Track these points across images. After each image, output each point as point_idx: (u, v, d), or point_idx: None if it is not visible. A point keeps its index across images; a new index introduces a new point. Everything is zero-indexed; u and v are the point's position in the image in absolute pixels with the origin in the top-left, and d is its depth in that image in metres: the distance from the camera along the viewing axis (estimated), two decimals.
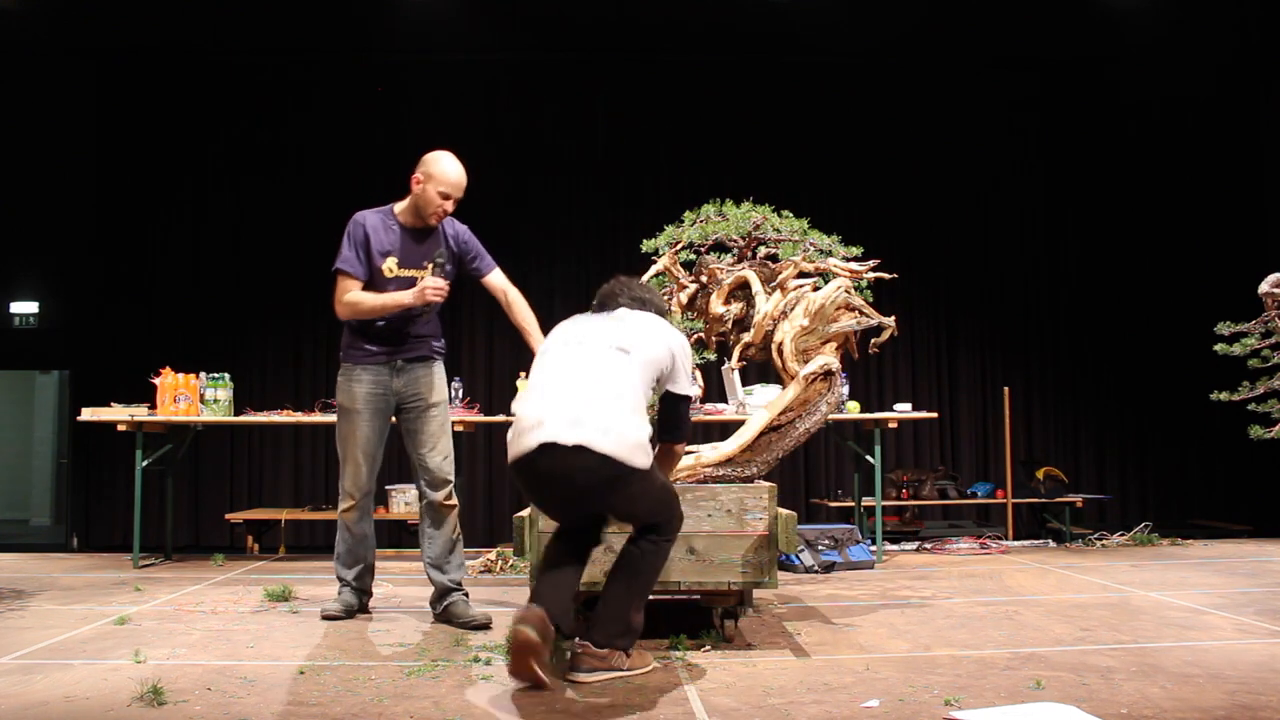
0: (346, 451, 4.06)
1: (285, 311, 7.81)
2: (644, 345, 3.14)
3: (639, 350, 3.12)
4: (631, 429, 2.98)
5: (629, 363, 3.09)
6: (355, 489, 4.05)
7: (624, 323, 3.22)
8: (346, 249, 3.97)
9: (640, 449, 3.01)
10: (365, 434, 4.03)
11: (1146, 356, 8.18)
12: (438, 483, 4.02)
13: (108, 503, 7.66)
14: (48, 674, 3.14)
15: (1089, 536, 6.73)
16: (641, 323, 3.23)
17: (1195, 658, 3.28)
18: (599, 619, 3.06)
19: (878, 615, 4.12)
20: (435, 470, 4.02)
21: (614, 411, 2.98)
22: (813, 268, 4.08)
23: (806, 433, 3.95)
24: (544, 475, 3.01)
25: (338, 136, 7.92)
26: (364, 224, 3.99)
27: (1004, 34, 7.90)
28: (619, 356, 3.09)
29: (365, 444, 4.03)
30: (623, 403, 3.01)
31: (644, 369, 3.12)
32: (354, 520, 4.07)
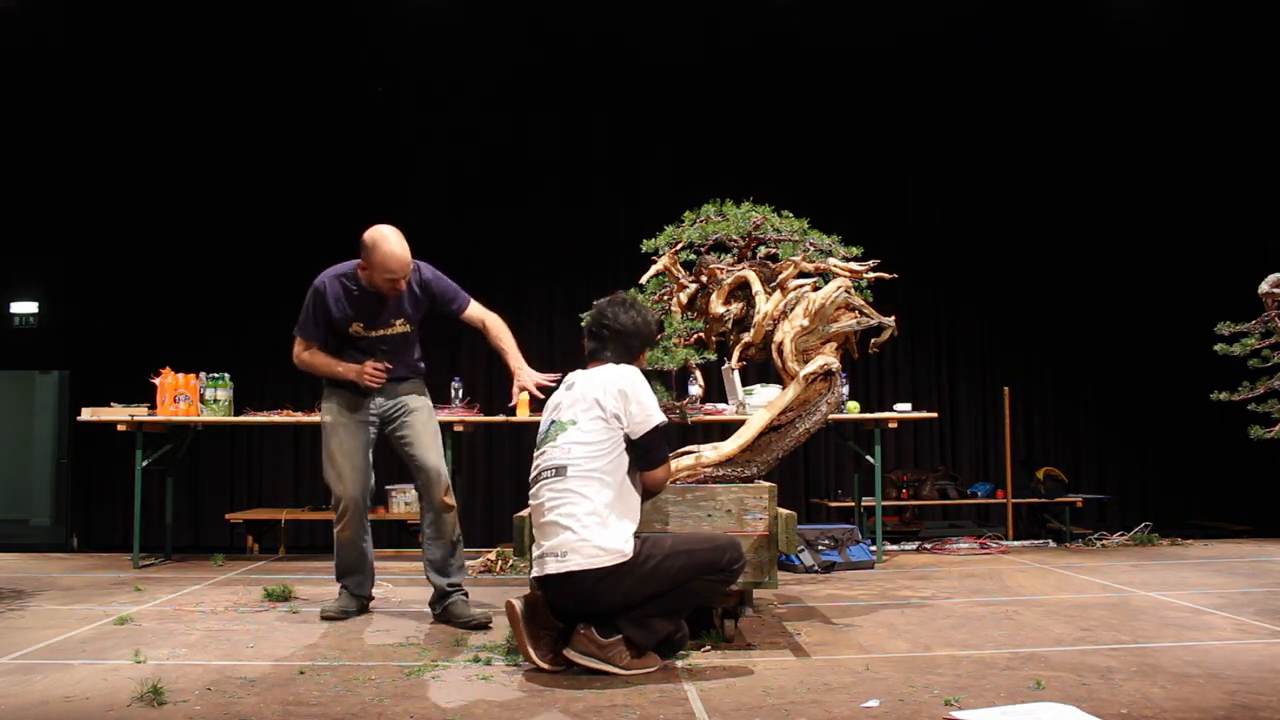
0: (336, 468, 4.06)
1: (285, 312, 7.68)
2: (577, 439, 3.18)
3: (573, 450, 3.16)
4: (584, 543, 3.06)
5: (570, 478, 3.14)
6: (347, 504, 4.05)
7: (560, 432, 3.23)
8: (305, 316, 4.06)
9: (604, 554, 3.06)
10: (351, 447, 4.05)
11: (1146, 356, 8.18)
12: (433, 481, 4.03)
13: (108, 503, 7.66)
14: (48, 674, 3.14)
15: (1089, 536, 6.72)
16: (583, 395, 3.24)
17: (1195, 658, 3.28)
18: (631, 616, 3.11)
19: (878, 615, 4.12)
20: (430, 468, 4.03)
21: (568, 531, 3.09)
22: (812, 268, 4.08)
23: (806, 433, 3.94)
24: (560, 603, 3.19)
25: (338, 136, 7.92)
26: (325, 294, 4.00)
27: (1004, 35, 7.91)
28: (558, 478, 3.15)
29: (353, 456, 4.05)
30: (574, 518, 3.09)
31: (589, 463, 3.15)
32: (350, 538, 4.07)
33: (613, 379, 3.23)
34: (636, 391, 3.21)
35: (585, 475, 3.14)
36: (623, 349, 3.37)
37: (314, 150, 7.92)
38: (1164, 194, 8.26)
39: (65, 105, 7.87)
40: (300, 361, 4.10)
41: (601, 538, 3.07)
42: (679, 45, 7.89)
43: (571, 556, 3.07)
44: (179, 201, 7.86)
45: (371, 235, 3.88)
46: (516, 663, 3.25)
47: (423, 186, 7.73)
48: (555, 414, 3.31)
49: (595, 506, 3.11)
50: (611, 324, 3.37)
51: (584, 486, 3.13)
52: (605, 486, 3.14)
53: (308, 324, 4.04)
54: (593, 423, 3.18)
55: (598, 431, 3.17)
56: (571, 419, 3.22)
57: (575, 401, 3.25)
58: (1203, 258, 8.13)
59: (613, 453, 3.18)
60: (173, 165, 7.87)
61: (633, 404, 3.19)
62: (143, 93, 7.91)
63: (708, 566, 3.17)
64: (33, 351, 8.51)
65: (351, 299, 3.99)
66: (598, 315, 3.41)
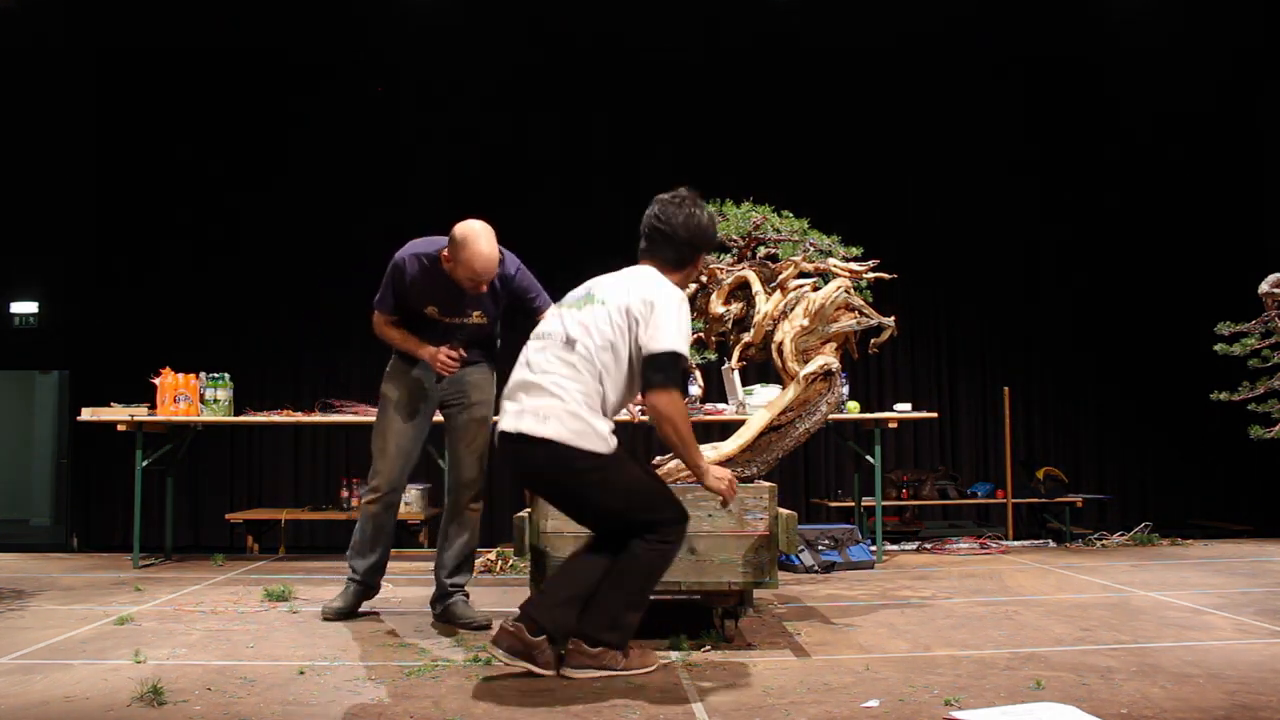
0: (382, 443, 4.03)
1: (285, 311, 7.82)
2: (598, 323, 3.05)
3: (592, 332, 3.04)
4: (572, 416, 2.97)
5: (576, 352, 3.04)
6: (384, 481, 4.02)
7: (587, 305, 3.12)
8: (385, 289, 3.97)
9: (590, 434, 2.98)
10: (401, 427, 4.02)
11: (1147, 356, 8.17)
12: (466, 482, 4.01)
13: (108, 503, 7.66)
14: (48, 674, 3.14)
15: (1089, 536, 6.73)
16: (624, 287, 3.10)
17: (1195, 658, 3.28)
18: (587, 613, 3.03)
19: (878, 615, 4.12)
20: (466, 469, 4.01)
21: (556, 399, 2.99)
22: (812, 268, 4.08)
23: (806, 433, 3.95)
24: (512, 466, 3.12)
25: (338, 136, 7.91)
26: (403, 270, 3.89)
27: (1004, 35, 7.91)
28: (566, 348, 3.05)
29: (400, 437, 4.02)
30: (566, 390, 3.00)
31: (598, 351, 3.03)
32: (376, 513, 4.04)
33: (651, 287, 3.07)
34: (667, 310, 3.03)
35: (591, 360, 3.03)
36: (672, 251, 3.18)
37: (314, 150, 7.92)
38: (1164, 194, 8.26)
39: (65, 105, 7.86)
40: (380, 334, 4.04)
41: (587, 419, 2.98)
42: (679, 45, 7.89)
43: (552, 423, 2.97)
44: (179, 201, 7.85)
45: (462, 231, 3.73)
46: None
47: (422, 186, 7.72)
48: (595, 287, 3.16)
49: (590, 392, 3.01)
50: (664, 223, 3.17)
51: (587, 369, 3.02)
52: (605, 380, 3.03)
53: (386, 297, 3.96)
54: (618, 315, 3.04)
55: (619, 327, 3.04)
56: (603, 300, 3.09)
57: (616, 287, 3.11)
58: (1203, 258, 8.13)
59: (622, 355, 3.04)
60: (173, 165, 7.87)
61: (656, 317, 3.01)
62: (143, 93, 7.91)
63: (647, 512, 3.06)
64: (33, 351, 8.51)
65: (429, 281, 3.88)
66: (652, 212, 3.21)
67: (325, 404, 6.22)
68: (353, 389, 7.24)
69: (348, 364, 7.65)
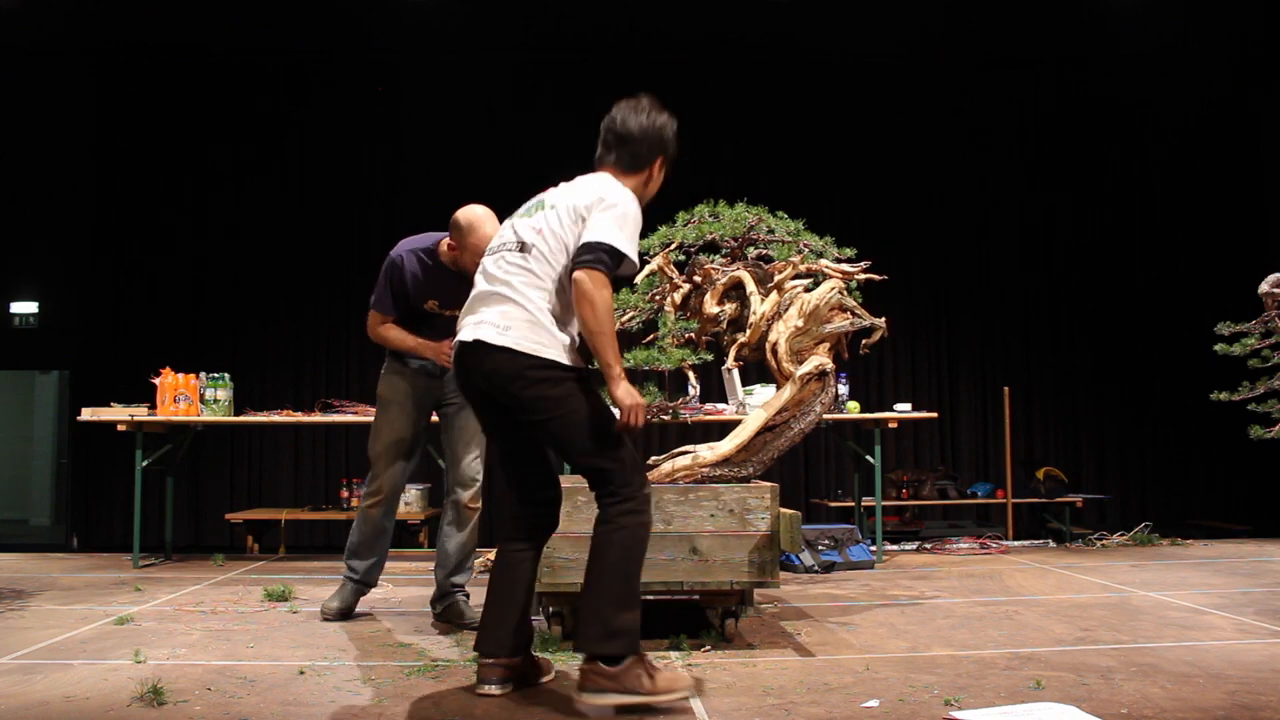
0: (381, 446, 4.04)
1: (285, 311, 7.82)
2: (550, 225, 2.89)
3: (545, 234, 2.88)
4: (534, 325, 2.81)
5: (531, 257, 2.87)
6: (384, 484, 4.03)
7: (538, 211, 2.96)
8: (382, 289, 3.96)
9: (553, 345, 2.81)
10: (400, 429, 4.03)
11: (1146, 356, 8.18)
12: (466, 482, 4.01)
13: (108, 503, 7.66)
14: (48, 674, 3.14)
15: (1089, 536, 6.73)
16: (572, 190, 2.95)
17: (1195, 658, 3.28)
18: (579, 623, 2.79)
19: (878, 615, 4.12)
20: (465, 469, 4.02)
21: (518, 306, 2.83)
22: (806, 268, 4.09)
23: (801, 433, 3.95)
24: (464, 382, 2.95)
25: (338, 136, 7.92)
26: (402, 269, 3.90)
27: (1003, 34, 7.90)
28: (521, 254, 2.89)
29: (400, 438, 4.03)
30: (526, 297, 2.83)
31: (552, 254, 2.86)
32: (377, 516, 4.05)
33: (600, 188, 2.90)
34: (611, 207, 2.84)
35: (548, 262, 2.86)
36: (628, 154, 3.02)
37: (315, 149, 7.92)
38: (1164, 194, 8.26)
39: (65, 105, 7.87)
40: (375, 336, 4.02)
41: (550, 329, 2.82)
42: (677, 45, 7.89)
43: (512, 332, 2.80)
44: (179, 201, 7.85)
45: (467, 216, 3.74)
46: None
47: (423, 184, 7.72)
48: (547, 195, 3.02)
49: (551, 299, 2.85)
50: (621, 126, 3.03)
51: (545, 273, 2.86)
52: (564, 287, 2.86)
53: (383, 297, 3.95)
54: (568, 216, 2.87)
55: (570, 229, 2.86)
56: (553, 204, 2.94)
57: (566, 192, 2.97)
58: (1203, 258, 8.13)
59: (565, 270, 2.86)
60: (173, 165, 7.87)
61: (598, 213, 2.83)
62: (143, 91, 7.91)
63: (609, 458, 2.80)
64: (33, 351, 8.51)
65: (429, 276, 3.90)
66: (610, 117, 3.07)
67: (325, 404, 6.22)
68: (353, 389, 7.25)
69: (348, 364, 7.66)
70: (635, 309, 4.07)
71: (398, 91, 7.98)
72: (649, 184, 3.09)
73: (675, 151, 3.10)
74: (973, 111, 8.20)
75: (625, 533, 2.77)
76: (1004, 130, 8.24)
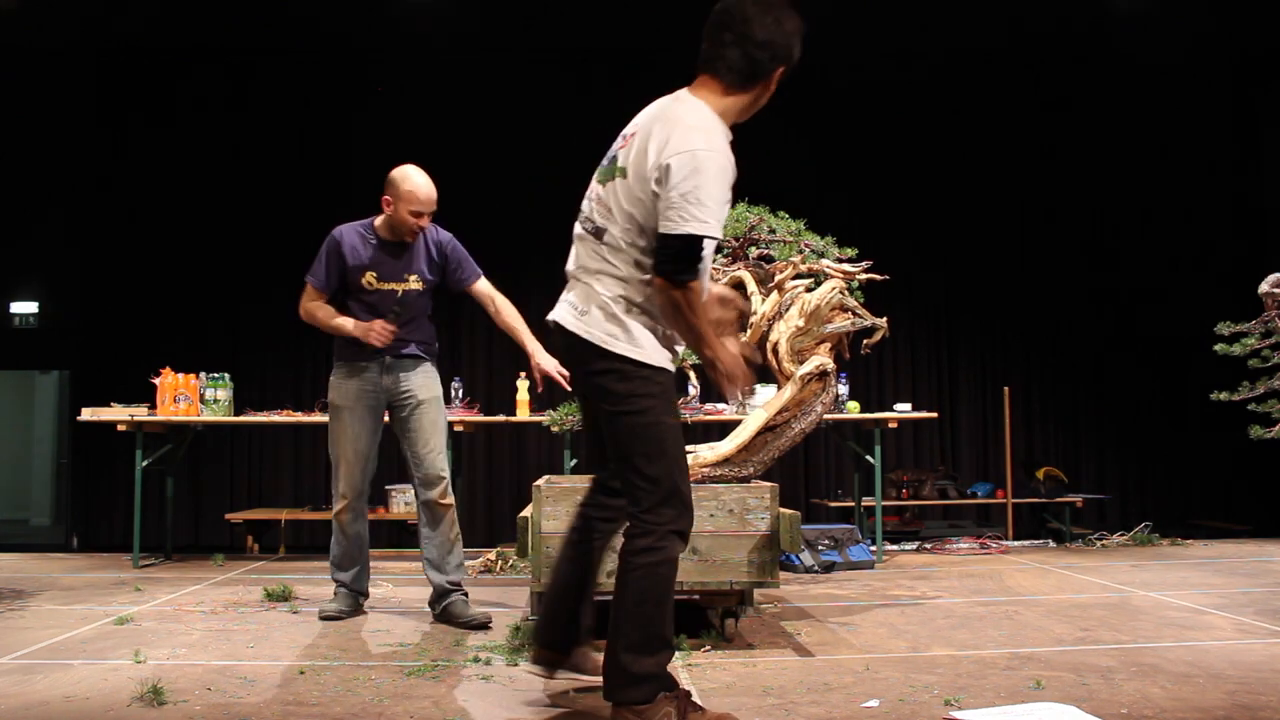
0: (339, 451, 4.06)
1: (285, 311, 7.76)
2: (620, 202, 2.53)
3: (615, 214, 2.54)
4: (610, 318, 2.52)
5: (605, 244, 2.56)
6: (348, 489, 4.04)
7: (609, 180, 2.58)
8: (318, 262, 4.03)
9: (623, 335, 2.51)
10: (356, 432, 4.03)
11: (1146, 356, 8.18)
12: (431, 480, 4.02)
13: (108, 503, 7.66)
14: (48, 674, 3.14)
15: (1089, 536, 6.72)
16: (635, 152, 2.53)
17: (1195, 658, 3.28)
18: (607, 675, 2.55)
19: (877, 615, 4.12)
20: (428, 467, 4.02)
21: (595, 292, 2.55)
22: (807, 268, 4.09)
23: (802, 433, 3.95)
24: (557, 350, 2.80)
25: (338, 136, 7.92)
26: (340, 241, 4.00)
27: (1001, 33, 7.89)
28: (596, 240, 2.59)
29: (356, 442, 4.03)
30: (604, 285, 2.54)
31: (624, 235, 2.52)
32: (348, 522, 4.06)
33: (679, 134, 2.44)
34: (687, 178, 2.39)
35: (623, 252, 2.52)
36: (741, 58, 2.52)
37: (316, 149, 7.92)
38: (1165, 193, 8.26)
39: (65, 103, 7.87)
40: (305, 312, 4.06)
41: (624, 319, 2.51)
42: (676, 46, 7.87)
43: (588, 318, 2.55)
44: (180, 201, 7.85)
45: (399, 169, 3.93)
46: (516, 662, 3.24)
47: None
48: (621, 149, 2.59)
49: (629, 288, 2.52)
50: (737, 26, 2.51)
51: (621, 261, 2.53)
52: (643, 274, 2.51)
53: (319, 270, 4.01)
54: (639, 188, 2.48)
55: (642, 203, 2.48)
56: (624, 167, 2.54)
57: (639, 148, 2.51)
58: (1203, 258, 8.13)
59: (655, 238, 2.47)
60: (173, 164, 7.87)
61: (673, 188, 2.40)
62: (143, 91, 7.91)
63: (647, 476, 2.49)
64: (33, 351, 8.51)
65: (368, 246, 3.99)
66: (722, 11, 2.55)
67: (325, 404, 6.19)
68: None
69: None
70: None
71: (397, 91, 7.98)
72: (759, 100, 2.61)
73: (796, 59, 2.58)
74: (971, 110, 8.19)
75: (640, 574, 2.49)
76: (1004, 129, 8.23)
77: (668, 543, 2.50)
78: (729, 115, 2.58)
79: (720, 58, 2.53)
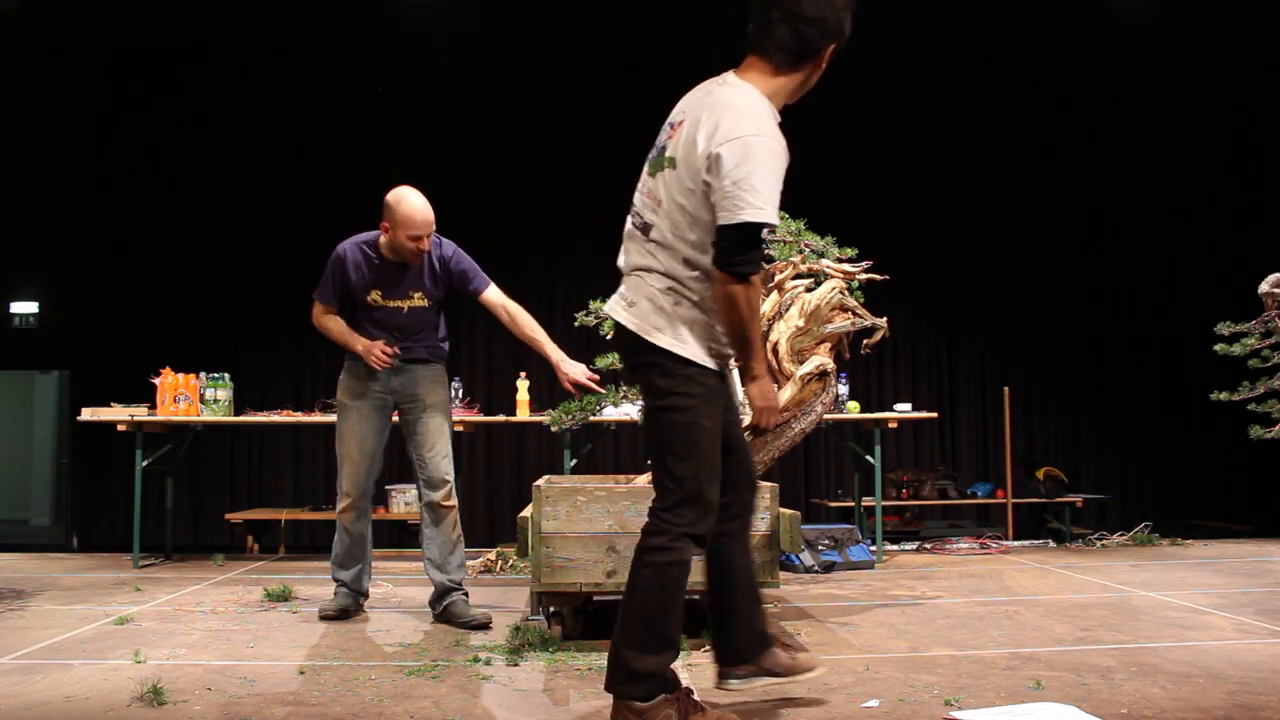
0: (345, 450, 4.08)
1: (285, 311, 7.80)
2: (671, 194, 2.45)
3: (664, 208, 2.47)
4: (657, 311, 2.47)
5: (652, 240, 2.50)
6: (353, 488, 4.06)
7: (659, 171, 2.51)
8: (324, 281, 4.04)
9: (666, 327, 2.46)
10: (363, 432, 4.05)
11: (1147, 356, 8.18)
12: (435, 482, 4.04)
13: (108, 503, 7.66)
14: (48, 674, 3.14)
15: (1089, 536, 6.72)
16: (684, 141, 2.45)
17: (1195, 658, 3.28)
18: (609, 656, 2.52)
19: (877, 615, 4.12)
20: (433, 470, 4.04)
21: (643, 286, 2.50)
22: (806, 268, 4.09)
23: (802, 433, 3.96)
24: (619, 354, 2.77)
25: (338, 136, 7.92)
26: (344, 261, 3.99)
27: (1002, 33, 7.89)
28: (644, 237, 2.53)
29: (363, 442, 4.05)
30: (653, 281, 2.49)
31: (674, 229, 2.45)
32: (351, 520, 4.08)
33: (728, 126, 2.36)
34: (741, 164, 2.32)
35: (671, 250, 2.46)
36: (791, 36, 2.44)
37: (316, 149, 7.92)
38: (1165, 193, 8.26)
39: (66, 103, 7.86)
40: (318, 325, 4.09)
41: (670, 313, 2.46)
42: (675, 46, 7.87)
43: (636, 309, 2.50)
44: (180, 200, 7.85)
45: (394, 193, 3.89)
46: (516, 663, 3.25)
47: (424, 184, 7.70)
48: (669, 134, 2.53)
49: (679, 284, 2.47)
50: (788, 1, 2.43)
51: (670, 258, 2.47)
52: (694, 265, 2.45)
53: (324, 287, 4.03)
54: (690, 179, 2.41)
55: (694, 193, 2.41)
56: (672, 157, 2.47)
57: (688, 137, 2.44)
58: (1203, 258, 8.13)
59: (708, 222, 2.40)
60: (174, 163, 7.87)
61: (727, 176, 2.32)
62: (144, 90, 7.91)
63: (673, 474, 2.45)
64: (33, 351, 8.51)
65: (371, 266, 3.97)
66: None
67: (325, 404, 6.21)
68: None
69: None
70: None
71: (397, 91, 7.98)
72: (809, 80, 2.55)
73: (848, 36, 2.53)
74: (971, 109, 8.19)
75: (649, 572, 2.46)
76: (1003, 129, 8.23)
77: (681, 544, 2.47)
78: (779, 97, 2.51)
79: (769, 37, 2.45)
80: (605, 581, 3.46)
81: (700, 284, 2.46)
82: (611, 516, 3.47)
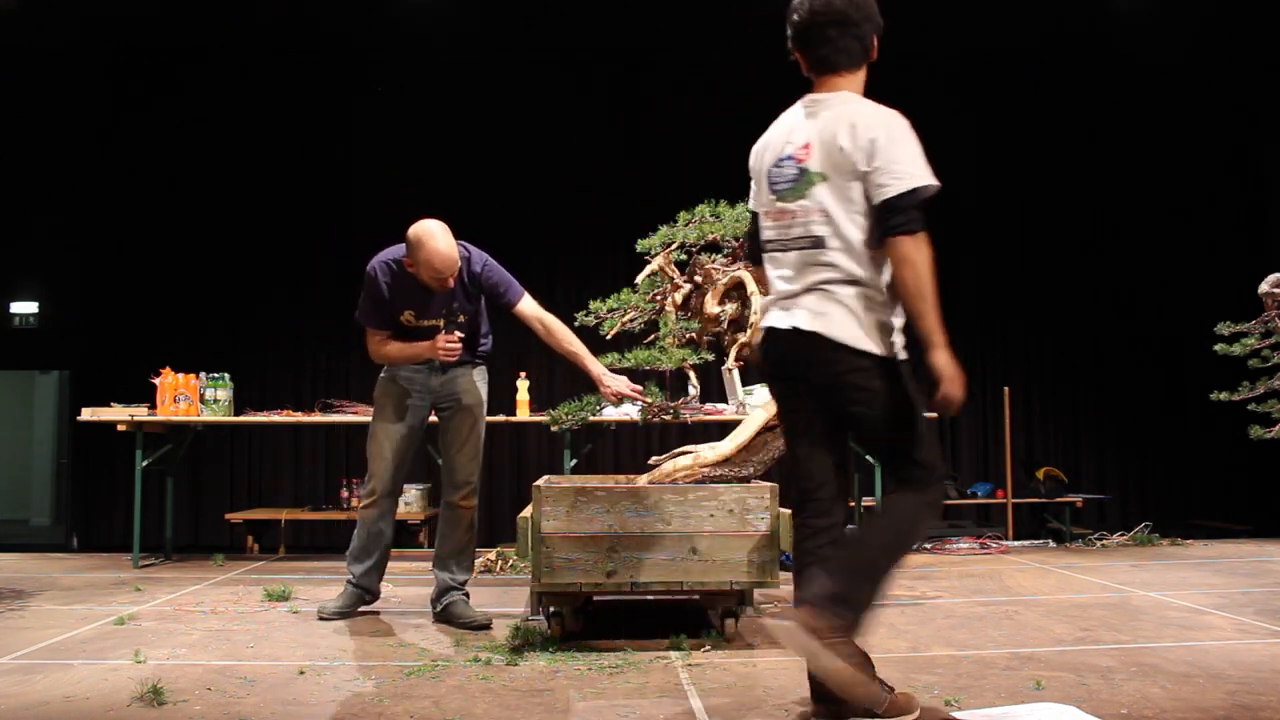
0: (376, 448, 4.07)
1: (285, 312, 7.82)
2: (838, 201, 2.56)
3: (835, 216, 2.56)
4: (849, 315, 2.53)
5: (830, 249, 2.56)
6: (378, 485, 4.06)
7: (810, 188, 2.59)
8: (365, 303, 3.97)
9: (869, 326, 2.55)
10: (397, 432, 4.05)
11: (1147, 356, 8.17)
12: (458, 482, 4.06)
13: (108, 503, 7.66)
14: (48, 674, 3.14)
15: (1089, 536, 6.72)
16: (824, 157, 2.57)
17: (1195, 658, 3.28)
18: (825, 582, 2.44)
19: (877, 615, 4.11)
20: (456, 470, 4.06)
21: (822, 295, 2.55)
22: None
23: None
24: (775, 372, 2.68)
25: (338, 136, 7.92)
26: (376, 279, 3.92)
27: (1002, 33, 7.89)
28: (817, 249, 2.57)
29: (396, 442, 4.05)
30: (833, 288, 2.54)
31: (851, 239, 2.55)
32: (373, 518, 4.08)
33: (862, 124, 2.54)
34: (890, 142, 2.54)
35: (850, 251, 2.55)
36: (854, 40, 2.67)
37: (317, 149, 7.92)
38: (1165, 193, 8.26)
39: (66, 103, 7.86)
40: (376, 355, 4.01)
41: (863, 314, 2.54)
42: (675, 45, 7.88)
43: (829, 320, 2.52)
44: (180, 201, 7.85)
45: (416, 232, 3.75)
46: (516, 663, 3.25)
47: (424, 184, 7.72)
48: (798, 153, 2.61)
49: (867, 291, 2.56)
50: (832, 11, 2.62)
51: (851, 265, 2.54)
52: (875, 267, 2.56)
53: (368, 311, 3.97)
54: (848, 178, 2.53)
55: (855, 196, 2.54)
56: (822, 172, 2.55)
57: (829, 152, 2.55)
58: (1203, 258, 8.13)
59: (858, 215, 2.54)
60: (174, 163, 7.87)
61: (880, 157, 2.51)
62: (144, 90, 7.91)
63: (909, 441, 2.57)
64: (33, 351, 8.51)
65: (400, 286, 3.90)
66: (808, 9, 2.63)
67: (325, 404, 6.22)
68: (353, 389, 7.24)
69: (348, 364, 7.65)
70: (636, 309, 4.07)
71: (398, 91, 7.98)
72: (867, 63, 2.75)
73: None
74: (972, 111, 8.19)
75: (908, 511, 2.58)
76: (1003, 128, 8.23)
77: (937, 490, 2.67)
78: (861, 92, 2.76)
79: (840, 52, 2.68)
80: (605, 581, 3.47)
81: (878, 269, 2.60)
82: (611, 516, 3.47)
